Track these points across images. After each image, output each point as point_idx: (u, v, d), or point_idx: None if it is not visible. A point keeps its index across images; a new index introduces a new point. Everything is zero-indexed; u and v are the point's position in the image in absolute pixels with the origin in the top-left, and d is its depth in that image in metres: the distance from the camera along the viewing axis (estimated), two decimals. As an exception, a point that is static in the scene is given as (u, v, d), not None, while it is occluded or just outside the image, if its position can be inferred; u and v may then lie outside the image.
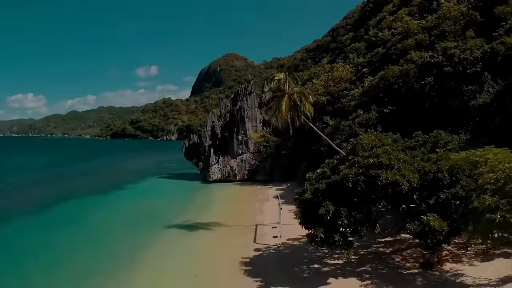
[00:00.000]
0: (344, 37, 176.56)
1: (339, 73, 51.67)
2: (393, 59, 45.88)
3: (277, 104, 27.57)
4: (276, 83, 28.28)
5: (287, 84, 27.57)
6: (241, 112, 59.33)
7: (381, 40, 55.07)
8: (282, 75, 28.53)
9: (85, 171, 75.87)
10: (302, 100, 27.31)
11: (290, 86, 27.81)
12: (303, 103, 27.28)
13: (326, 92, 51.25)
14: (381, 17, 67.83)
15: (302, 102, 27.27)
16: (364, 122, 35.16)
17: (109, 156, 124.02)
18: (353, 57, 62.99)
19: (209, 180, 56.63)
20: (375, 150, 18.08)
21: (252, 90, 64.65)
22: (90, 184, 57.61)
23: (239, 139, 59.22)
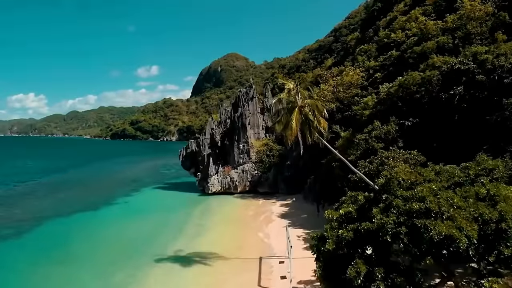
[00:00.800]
0: (348, 38, 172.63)
1: (349, 77, 47.53)
2: (410, 64, 41.75)
3: (286, 118, 23.42)
4: (285, 93, 24.16)
5: (298, 95, 23.43)
6: (242, 119, 55.22)
7: (394, 42, 50.88)
8: (292, 84, 24.40)
9: (78, 180, 71.74)
10: (316, 114, 23.16)
11: (302, 97, 23.68)
12: (316, 117, 23.14)
13: (334, 98, 47.13)
14: (391, 17, 63.65)
15: (315, 117, 23.12)
16: (383, 136, 30.99)
17: (106, 161, 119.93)
18: (362, 60, 58.89)
19: (207, 193, 52.55)
20: (418, 190, 13.95)
21: (254, 95, 60.55)
22: (80, 198, 53.49)
23: (240, 147, 55.13)
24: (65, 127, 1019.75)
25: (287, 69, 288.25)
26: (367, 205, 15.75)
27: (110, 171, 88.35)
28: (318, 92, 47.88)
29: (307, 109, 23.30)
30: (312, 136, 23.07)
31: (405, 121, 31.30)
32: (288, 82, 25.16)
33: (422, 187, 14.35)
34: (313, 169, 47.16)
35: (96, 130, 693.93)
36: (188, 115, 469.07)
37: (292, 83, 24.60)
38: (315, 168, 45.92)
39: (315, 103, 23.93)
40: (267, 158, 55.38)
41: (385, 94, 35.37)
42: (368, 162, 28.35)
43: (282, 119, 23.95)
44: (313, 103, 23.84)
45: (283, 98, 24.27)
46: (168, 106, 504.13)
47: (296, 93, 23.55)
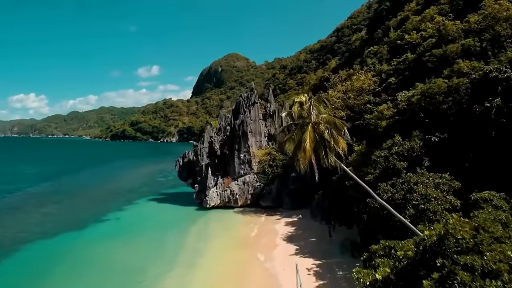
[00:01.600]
0: (352, 38, 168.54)
1: (360, 82, 43.53)
2: (429, 68, 37.76)
3: (298, 136, 19.41)
4: (296, 107, 20.24)
5: (312, 110, 19.46)
6: (243, 127, 51.25)
7: (408, 43, 46.85)
8: (304, 97, 20.51)
9: (70, 190, 67.73)
10: (333, 133, 19.16)
11: (316, 112, 19.71)
12: (333, 137, 19.15)
13: (344, 105, 43.16)
14: (403, 17, 59.55)
15: (333, 136, 19.13)
16: (405, 154, 26.96)
17: (103, 165, 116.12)
18: (372, 62, 54.89)
19: (206, 207, 48.58)
20: (489, 258, 9.99)
21: (255, 100, 56.57)
22: (69, 213, 49.56)
23: (241, 157, 51.16)
24: (65, 127, 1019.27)
25: (288, 70, 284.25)
26: (412, 269, 11.78)
27: (105, 178, 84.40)
28: (325, 99, 43.86)
29: (323, 126, 19.33)
30: (329, 159, 19.06)
31: (431, 137, 27.28)
32: (300, 95, 21.15)
33: (494, 252, 10.38)
34: (322, 182, 43.22)
35: (96, 131, 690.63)
36: (188, 116, 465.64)
37: (305, 96, 20.61)
38: (324, 182, 41.95)
39: (332, 120, 19.92)
40: (270, 169, 51.44)
41: (405, 104, 31.32)
42: (390, 185, 24.36)
43: (293, 137, 19.92)
44: (330, 120, 19.84)
45: (294, 113, 20.29)
46: (169, 107, 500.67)
47: (309, 107, 19.56)
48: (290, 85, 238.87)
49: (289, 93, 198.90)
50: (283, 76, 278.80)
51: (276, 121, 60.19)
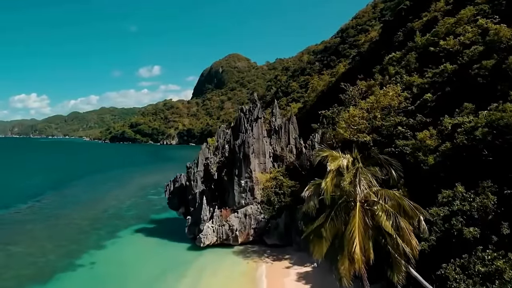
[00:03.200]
0: (360, 40, 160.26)
1: (388, 99, 35.44)
2: (480, 85, 29.76)
3: (333, 229, 11.46)
4: (331, 177, 12.39)
5: (358, 180, 11.55)
6: (245, 148, 43.20)
7: (444, 51, 38.77)
8: (345, 159, 12.71)
9: (48, 216, 59.56)
10: (400, 224, 11.18)
11: (366, 183, 11.79)
12: (401, 230, 11.17)
13: (370, 127, 35.10)
14: (429, 18, 51.47)
15: (400, 230, 11.15)
16: (476, 216, 18.97)
17: (95, 175, 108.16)
18: (395, 71, 46.90)
19: (199, 245, 40.55)
20: None
21: (259, 115, 48.61)
22: (36, 252, 41.50)
23: (241, 184, 43.11)
24: (66, 128, 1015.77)
25: (291, 72, 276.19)
26: None
27: (93, 195, 76.46)
28: (347, 119, 35.84)
29: (381, 210, 11.32)
30: (398, 275, 10.95)
31: (510, 191, 19.27)
32: (334, 153, 13.10)
33: None
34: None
35: (96, 132, 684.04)
36: (188, 118, 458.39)
37: (345, 157, 12.61)
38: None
39: (396, 198, 11.85)
40: (276, 197, 43.43)
41: (464, 139, 23.23)
42: (459, 267, 16.36)
43: (327, 227, 11.91)
44: (393, 197, 11.78)
45: (325, 188, 12.25)
46: (169, 108, 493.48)
47: (356, 178, 11.53)
48: (293, 87, 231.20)
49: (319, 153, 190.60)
50: (285, 78, 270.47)
51: (282, 138, 52.23)
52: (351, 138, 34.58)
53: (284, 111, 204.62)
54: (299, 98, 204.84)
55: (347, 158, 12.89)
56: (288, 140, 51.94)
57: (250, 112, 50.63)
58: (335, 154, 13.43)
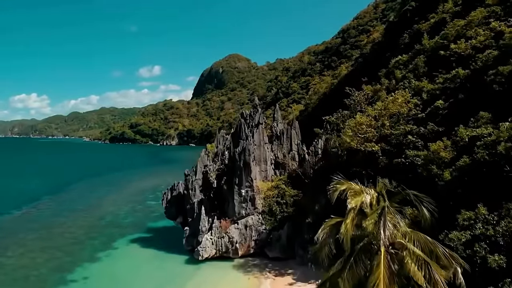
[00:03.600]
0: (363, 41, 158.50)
1: (396, 106, 33.54)
2: (497, 92, 27.88)
3: (353, 276, 9.64)
4: (351, 218, 10.53)
5: (384, 222, 9.70)
6: (245, 156, 41.30)
7: (455, 54, 36.86)
8: (368, 195, 10.79)
9: (43, 224, 57.71)
10: (434, 276, 9.32)
11: (391, 225, 9.93)
12: (434, 286, 9.30)
13: (378, 136, 33.20)
14: (437, 19, 49.55)
15: (434, 284, 9.30)
16: (501, 242, 17.12)
17: (93, 179, 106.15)
18: (402, 75, 45.03)
19: (198, 259, 38.67)
20: None
21: (260, 120, 46.75)
22: (26, 265, 39.67)
23: (242, 194, 41.22)
24: (66, 128, 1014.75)
25: (291, 73, 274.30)
26: None
27: (89, 201, 74.58)
28: (353, 127, 33.95)
29: (409, 258, 9.46)
30: None
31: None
32: (354, 186, 11.22)
33: None
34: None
35: (96, 132, 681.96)
36: (188, 118, 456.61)
37: (368, 193, 10.70)
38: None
39: (429, 244, 9.97)
40: (278, 207, 41.57)
41: (484, 154, 21.34)
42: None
43: (345, 277, 10.02)
44: (424, 241, 9.90)
45: (345, 231, 10.34)
46: (169, 108, 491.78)
47: (379, 220, 9.66)
48: (294, 88, 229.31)
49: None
50: (286, 79, 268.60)
51: (284, 143, 50.37)
52: (358, 147, 32.69)
53: (285, 112, 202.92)
54: (300, 99, 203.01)
55: (371, 194, 11.02)
56: (290, 146, 50.10)
57: (251, 117, 48.80)
58: (355, 187, 11.58)
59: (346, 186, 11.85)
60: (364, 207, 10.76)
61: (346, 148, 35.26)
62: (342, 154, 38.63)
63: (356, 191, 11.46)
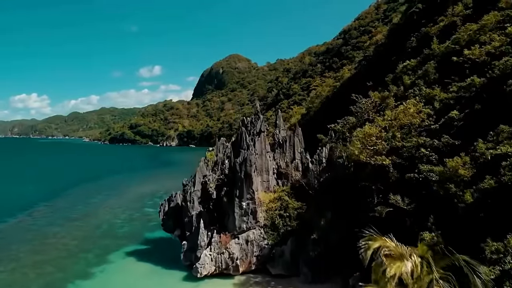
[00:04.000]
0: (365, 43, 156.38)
1: (408, 117, 31.49)
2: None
3: None
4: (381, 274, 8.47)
5: None
6: (246, 167, 39.25)
7: (469, 61, 34.82)
8: (409, 261, 8.70)
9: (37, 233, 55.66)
10: None
11: None
12: None
13: (388, 147, 31.15)
14: (446, 23, 47.49)
15: None
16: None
17: (90, 183, 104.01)
18: (410, 81, 43.02)
19: (196, 276, 36.65)
20: None
21: (262, 128, 44.73)
22: (14, 283, 37.66)
23: (243, 207, 39.17)
24: (66, 128, 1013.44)
25: (292, 74, 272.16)
26: None
27: (85, 208, 72.62)
28: (362, 138, 31.91)
29: None
30: None
31: None
32: (389, 243, 9.15)
33: None
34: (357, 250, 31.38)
35: (96, 132, 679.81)
36: (188, 119, 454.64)
37: (409, 255, 8.64)
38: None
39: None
40: (281, 221, 39.50)
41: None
42: None
43: None
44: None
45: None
46: (169, 109, 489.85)
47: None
48: (295, 90, 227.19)
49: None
50: (287, 80, 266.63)
51: (287, 152, 48.32)
52: (367, 161, 30.65)
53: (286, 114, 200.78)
54: (300, 101, 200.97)
55: (413, 261, 8.97)
56: (293, 155, 48.03)
57: (252, 124, 46.82)
58: (390, 245, 9.53)
59: (380, 243, 9.82)
60: (404, 278, 8.74)
61: (354, 160, 33.22)
62: (349, 166, 36.60)
63: (391, 249, 9.44)
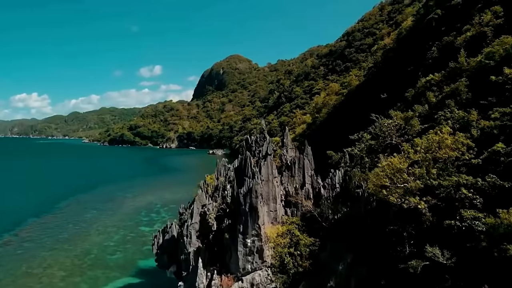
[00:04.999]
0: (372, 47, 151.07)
1: (445, 149, 26.59)
2: None
3: None
4: None
5: None
6: (251, 199, 34.38)
7: (510, 81, 29.98)
8: None
9: (19, 259, 51.04)
10: None
11: None
12: None
13: (422, 185, 26.26)
14: (474, 33, 42.59)
15: None
16: None
17: (82, 197, 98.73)
18: (434, 98, 38.24)
19: (194, 326, 31.89)
20: None
21: (269, 151, 39.94)
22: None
23: (247, 244, 34.33)
24: (65, 128, 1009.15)
25: (294, 76, 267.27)
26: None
27: (76, 226, 67.77)
28: (390, 173, 26.98)
29: None
30: None
31: None
32: None
33: None
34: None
35: (96, 132, 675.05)
36: (189, 120, 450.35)
37: None
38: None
39: None
40: (291, 259, 34.67)
41: None
42: None
43: None
44: None
45: None
46: (168, 110, 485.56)
47: None
48: (297, 93, 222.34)
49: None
50: (289, 82, 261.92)
51: (296, 175, 43.49)
52: (397, 202, 25.80)
53: (288, 118, 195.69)
54: (303, 105, 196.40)
55: None
56: (303, 178, 43.12)
57: (257, 144, 42.18)
58: None
59: None
60: None
61: (380, 198, 28.34)
62: (371, 200, 31.78)
63: None
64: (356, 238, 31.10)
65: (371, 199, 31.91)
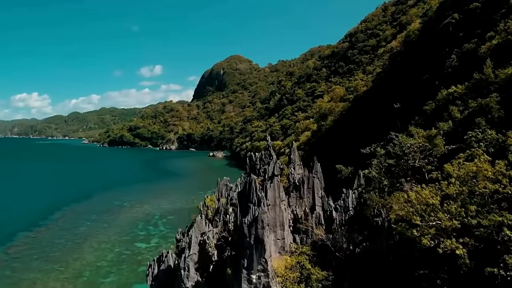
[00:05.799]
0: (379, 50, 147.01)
1: (483, 182, 22.82)
2: None
3: None
4: None
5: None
6: (257, 229, 30.58)
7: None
8: None
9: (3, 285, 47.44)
10: None
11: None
12: None
13: (459, 225, 22.48)
14: (500, 41, 38.77)
15: None
16: None
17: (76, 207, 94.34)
18: (458, 113, 34.45)
19: None
20: None
21: (276, 172, 36.19)
22: None
23: (252, 281, 30.55)
24: (65, 128, 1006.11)
25: (296, 78, 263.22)
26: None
27: (68, 242, 63.98)
28: (420, 209, 23.16)
29: None
30: None
31: None
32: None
33: None
34: None
35: (96, 133, 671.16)
36: (189, 121, 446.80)
37: None
38: None
39: None
40: (301, 296, 30.92)
41: None
42: None
43: None
44: None
45: None
46: (169, 111, 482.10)
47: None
48: (299, 95, 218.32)
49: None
50: (290, 84, 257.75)
51: (305, 196, 39.71)
52: (431, 245, 22.02)
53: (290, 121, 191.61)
54: (305, 107, 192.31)
55: None
56: (312, 200, 39.41)
57: (261, 161, 38.47)
58: None
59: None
60: None
61: (408, 237, 24.53)
62: (393, 233, 27.98)
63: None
64: (377, 277, 27.37)
65: (393, 232, 28.14)
